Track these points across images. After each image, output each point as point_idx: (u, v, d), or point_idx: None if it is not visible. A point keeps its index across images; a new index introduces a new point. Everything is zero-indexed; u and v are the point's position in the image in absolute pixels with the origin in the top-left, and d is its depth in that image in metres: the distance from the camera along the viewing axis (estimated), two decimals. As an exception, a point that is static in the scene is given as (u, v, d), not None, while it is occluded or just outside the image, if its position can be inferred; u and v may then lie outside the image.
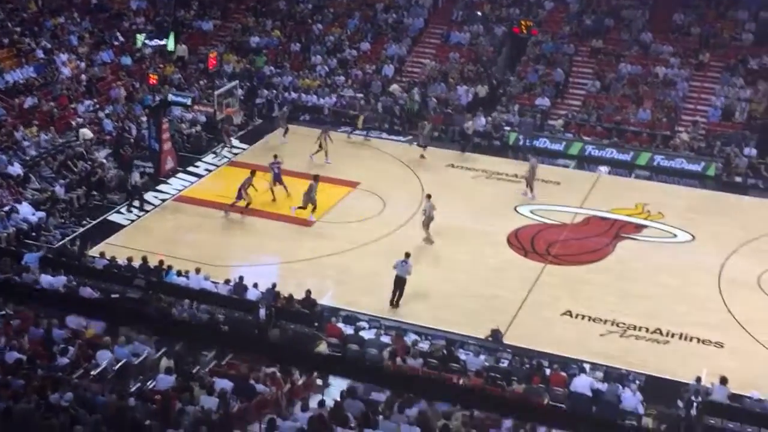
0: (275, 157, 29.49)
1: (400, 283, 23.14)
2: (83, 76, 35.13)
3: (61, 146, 30.60)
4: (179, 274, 22.89)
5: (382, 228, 27.41)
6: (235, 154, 33.00)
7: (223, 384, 17.59)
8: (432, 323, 22.55)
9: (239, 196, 27.63)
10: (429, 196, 26.61)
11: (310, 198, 27.40)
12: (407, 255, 23.37)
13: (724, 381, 19.44)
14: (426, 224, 26.28)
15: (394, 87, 37.50)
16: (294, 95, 37.49)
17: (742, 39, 38.03)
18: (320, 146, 31.95)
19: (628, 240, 27.59)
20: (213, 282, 22.83)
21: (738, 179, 32.36)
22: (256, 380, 18.18)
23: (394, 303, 23.14)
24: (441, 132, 35.31)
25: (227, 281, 22.86)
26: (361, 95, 37.11)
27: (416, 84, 37.80)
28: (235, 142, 33.84)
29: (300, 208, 27.51)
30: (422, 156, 32.55)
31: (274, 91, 37.61)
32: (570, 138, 34.60)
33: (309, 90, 37.72)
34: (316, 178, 27.95)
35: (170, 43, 38.01)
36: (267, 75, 38.75)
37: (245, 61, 39.57)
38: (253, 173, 28.18)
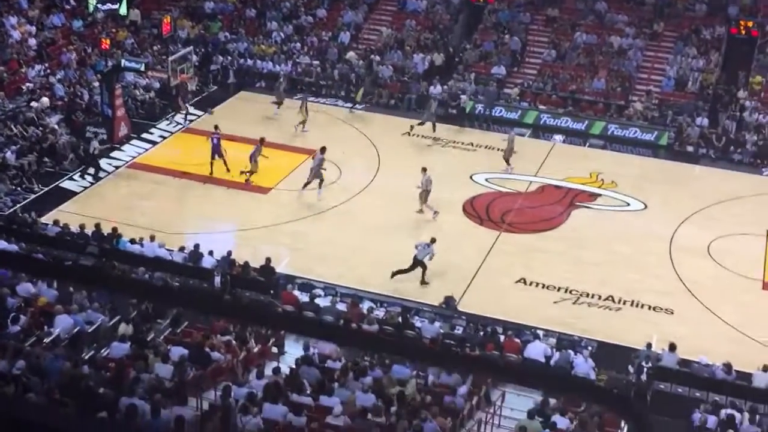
0: (216, 128, 28.93)
1: (414, 264, 22.89)
2: (33, 40, 34.48)
3: (11, 111, 30.08)
4: (133, 241, 22.70)
5: (338, 195, 27.38)
6: (190, 120, 32.69)
7: (179, 352, 17.55)
8: (387, 291, 22.65)
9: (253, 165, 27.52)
10: (425, 170, 26.30)
11: (318, 173, 26.76)
12: (432, 240, 23.14)
13: (672, 348, 19.81)
14: (423, 197, 26.08)
15: (351, 54, 37.31)
16: (249, 62, 37.14)
17: (695, 9, 38.33)
18: (305, 113, 31.60)
19: (582, 208, 27.87)
20: (168, 250, 22.69)
21: (690, 149, 32.76)
22: (211, 348, 18.15)
23: (393, 274, 22.82)
24: (397, 100, 35.25)
25: (181, 249, 22.73)
26: (317, 62, 36.89)
27: (372, 51, 37.64)
28: (189, 108, 33.50)
29: (306, 184, 26.94)
30: (410, 131, 31.58)
31: (229, 58, 37.25)
32: (525, 107, 34.75)
33: (264, 57, 37.38)
34: (323, 150, 27.26)
35: (123, 8, 37.36)
36: (222, 41, 38.33)
37: (200, 27, 39.08)
38: (261, 141, 27.91)
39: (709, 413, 17.86)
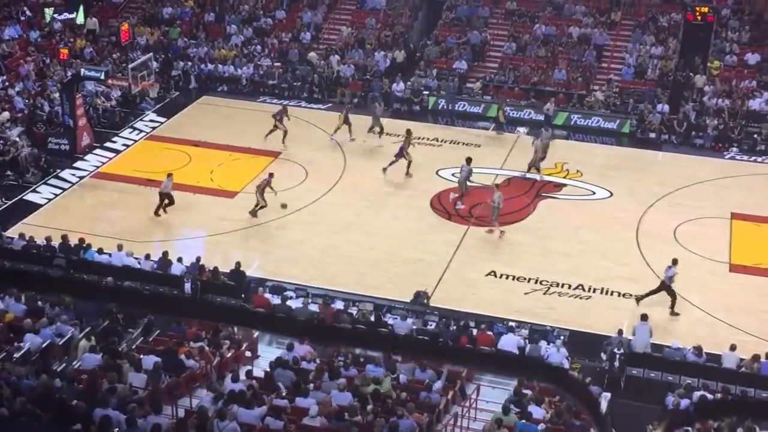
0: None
1: (660, 287, 22.18)
2: (-10, 53, 34.11)
3: (-30, 126, 29.72)
4: (101, 251, 22.53)
5: (305, 197, 27.33)
6: (153, 128, 32.48)
7: (152, 360, 17.44)
8: (359, 289, 22.65)
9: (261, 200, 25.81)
10: (497, 186, 26.63)
11: (464, 184, 26.77)
12: (674, 261, 22.38)
13: (644, 318, 20.18)
14: (495, 215, 25.51)
15: (312, 55, 37.25)
16: (210, 66, 36.97)
17: (651, -3, 38.75)
18: (345, 122, 30.86)
19: (549, 199, 28.04)
20: (136, 258, 22.54)
21: (652, 135, 33.06)
22: (184, 355, 18.06)
23: (672, 310, 22.13)
24: (360, 99, 35.25)
25: (147, 256, 22.58)
26: (278, 64, 36.81)
27: (333, 51, 37.62)
28: (152, 115, 33.31)
29: (457, 197, 26.91)
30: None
31: (190, 63, 37.05)
32: (488, 100, 34.88)
33: (225, 60, 37.23)
34: (469, 161, 27.11)
35: (80, 17, 37.08)
36: (181, 47, 38.11)
37: (159, 33, 38.84)
38: (271, 175, 26.19)
39: (682, 396, 18.05)
